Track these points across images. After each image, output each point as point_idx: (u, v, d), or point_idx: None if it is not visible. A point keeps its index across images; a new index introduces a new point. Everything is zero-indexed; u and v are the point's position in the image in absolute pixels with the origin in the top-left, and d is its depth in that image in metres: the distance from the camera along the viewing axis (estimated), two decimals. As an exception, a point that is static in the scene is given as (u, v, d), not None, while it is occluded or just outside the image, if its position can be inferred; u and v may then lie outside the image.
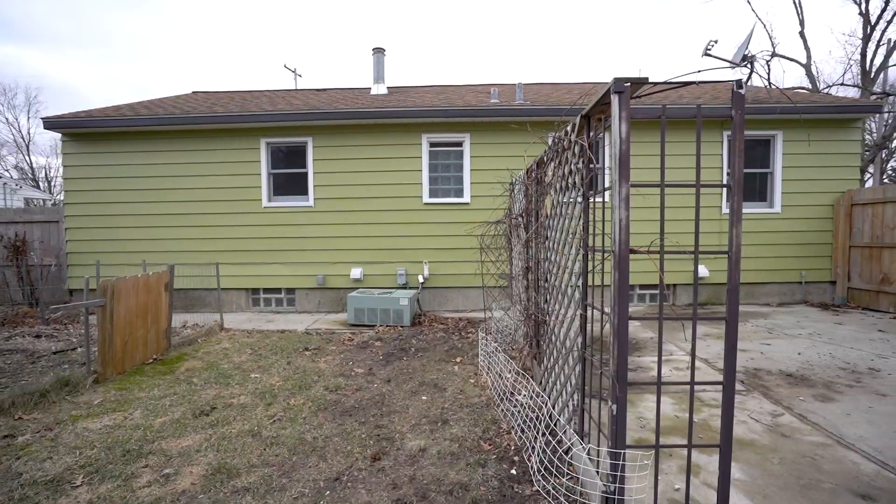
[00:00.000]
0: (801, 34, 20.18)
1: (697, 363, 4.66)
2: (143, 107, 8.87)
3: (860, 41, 18.78)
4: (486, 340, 4.60)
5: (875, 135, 23.03)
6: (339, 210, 7.87)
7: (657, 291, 8.02)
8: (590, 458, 2.35)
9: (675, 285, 7.94)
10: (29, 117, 43.62)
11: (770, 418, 3.35)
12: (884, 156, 29.90)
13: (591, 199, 2.53)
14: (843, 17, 34.97)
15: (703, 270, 7.74)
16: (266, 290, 8.12)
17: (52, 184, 38.21)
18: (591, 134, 2.51)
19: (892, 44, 17.88)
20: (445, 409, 3.57)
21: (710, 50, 7.86)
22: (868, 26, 18.35)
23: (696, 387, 3.92)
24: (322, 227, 7.88)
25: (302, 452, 2.93)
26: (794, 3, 19.67)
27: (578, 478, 2.47)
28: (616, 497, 2.08)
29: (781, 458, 2.77)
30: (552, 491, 2.36)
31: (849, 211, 7.54)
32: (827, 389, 3.87)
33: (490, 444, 2.98)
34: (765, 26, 25.94)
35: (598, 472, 2.22)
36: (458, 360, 4.94)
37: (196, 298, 7.98)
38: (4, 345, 5.48)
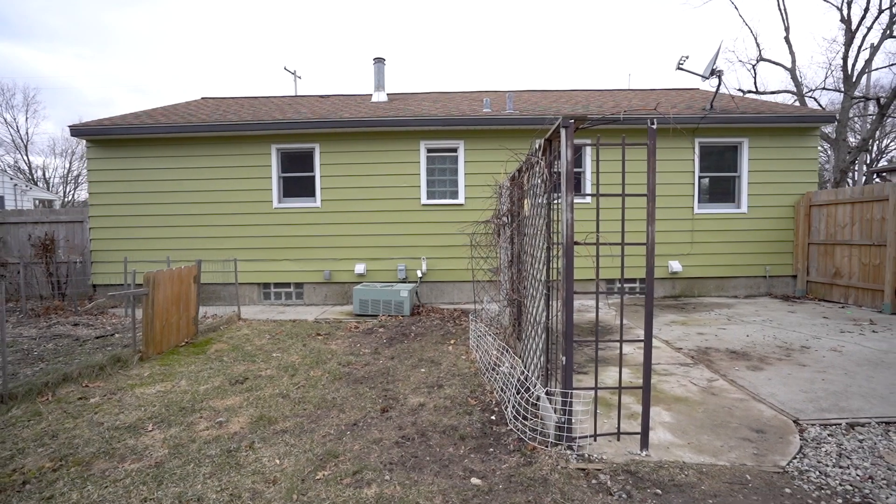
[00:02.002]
0: (787, 39, 20.90)
1: (659, 343, 5.40)
2: (160, 114, 9.53)
3: (842, 46, 19.53)
4: (476, 324, 5.31)
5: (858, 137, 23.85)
6: (344, 210, 8.58)
7: (634, 284, 8.77)
8: (548, 398, 3.07)
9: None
10: (27, 117, 43.87)
11: (706, 382, 4.09)
12: (874, 155, 30.80)
13: (551, 204, 3.24)
14: (827, 24, 35.85)
15: (677, 266, 8.48)
16: (276, 285, 8.82)
17: (50, 183, 38.63)
18: (552, 153, 3.21)
19: (872, 48, 18.67)
20: (440, 378, 4.29)
21: (682, 64, 8.83)
22: (849, 32, 19.12)
23: (652, 360, 4.65)
24: (328, 226, 8.59)
25: (324, 407, 3.65)
26: (780, 9, 20.40)
27: (540, 413, 3.19)
28: (566, 426, 2.81)
29: (705, 409, 3.51)
30: (521, 427, 3.08)
31: (807, 211, 8.31)
32: (760, 362, 4.62)
33: (476, 401, 3.70)
34: (751, 31, 26.76)
35: (553, 408, 2.94)
36: (452, 342, 5.66)
37: (211, 292, 8.67)
38: (49, 332, 6.17)
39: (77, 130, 8.50)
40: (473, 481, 2.55)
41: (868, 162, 29.81)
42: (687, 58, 8.26)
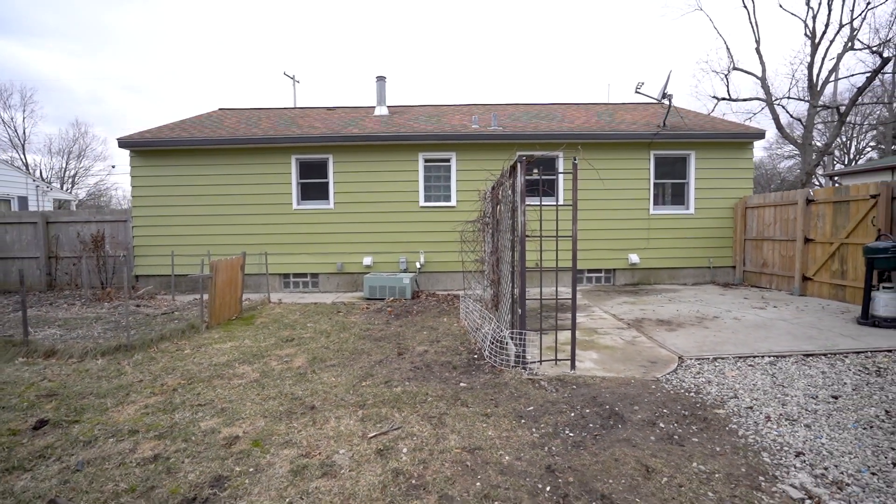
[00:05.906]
0: (758, 50, 22.56)
1: (607, 315, 6.95)
2: (192, 126, 10.91)
3: (808, 57, 21.27)
4: (465, 301, 6.82)
5: (821, 142, 25.73)
6: (353, 211, 10.04)
7: (600, 274, 10.32)
8: (511, 339, 4.59)
9: (614, 270, 10.25)
10: (24, 116, 44.53)
11: (631, 338, 5.63)
12: (852, 155, 32.73)
13: (515, 210, 4.74)
14: (795, 36, 37.85)
15: (635, 258, 10.06)
16: (295, 275, 10.26)
17: (49, 182, 39.50)
18: (515, 176, 4.71)
19: (838, 57, 20.42)
20: (438, 336, 5.80)
21: (639, 89, 10.82)
22: (813, 45, 20.84)
23: (597, 326, 6.20)
24: (340, 224, 10.05)
25: (356, 353, 5.14)
26: (751, 23, 22.06)
27: (506, 350, 4.71)
28: (522, 355, 4.33)
29: (623, 352, 5.05)
30: (494, 359, 4.60)
31: (743, 213, 9.92)
32: (678, 327, 6.17)
33: (464, 347, 5.22)
34: (725, 42, 28.53)
35: (514, 344, 4.45)
36: (446, 316, 7.17)
37: (239, 281, 10.08)
38: (119, 311, 7.57)
39: (123, 142, 9.86)
40: (461, 385, 4.06)
41: (846, 163, 31.74)
42: (643, 83, 9.82)
